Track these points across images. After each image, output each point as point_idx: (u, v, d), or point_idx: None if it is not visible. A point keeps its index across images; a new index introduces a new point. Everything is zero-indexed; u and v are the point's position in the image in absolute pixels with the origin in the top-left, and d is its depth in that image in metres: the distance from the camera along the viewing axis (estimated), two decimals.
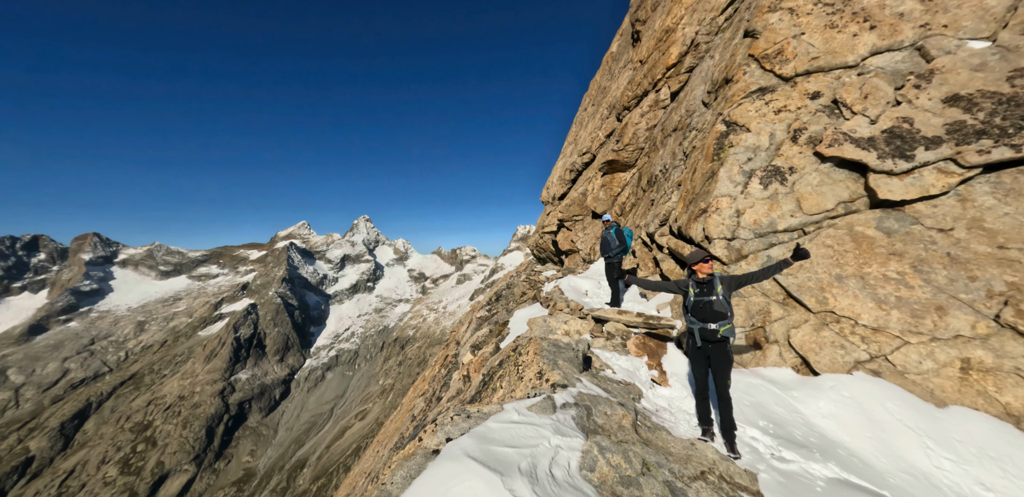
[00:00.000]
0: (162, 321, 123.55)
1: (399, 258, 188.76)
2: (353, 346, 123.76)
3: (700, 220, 5.20)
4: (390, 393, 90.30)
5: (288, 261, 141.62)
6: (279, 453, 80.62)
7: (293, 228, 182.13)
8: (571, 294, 9.14)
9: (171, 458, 72.06)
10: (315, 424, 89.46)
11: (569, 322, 6.91)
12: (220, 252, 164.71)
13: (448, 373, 10.45)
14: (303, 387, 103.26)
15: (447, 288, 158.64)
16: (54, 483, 66.45)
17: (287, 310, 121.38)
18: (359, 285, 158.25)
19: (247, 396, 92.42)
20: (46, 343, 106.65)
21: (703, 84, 7.09)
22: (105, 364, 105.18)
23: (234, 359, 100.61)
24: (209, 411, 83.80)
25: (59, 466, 71.00)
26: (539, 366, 4.68)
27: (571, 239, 14.74)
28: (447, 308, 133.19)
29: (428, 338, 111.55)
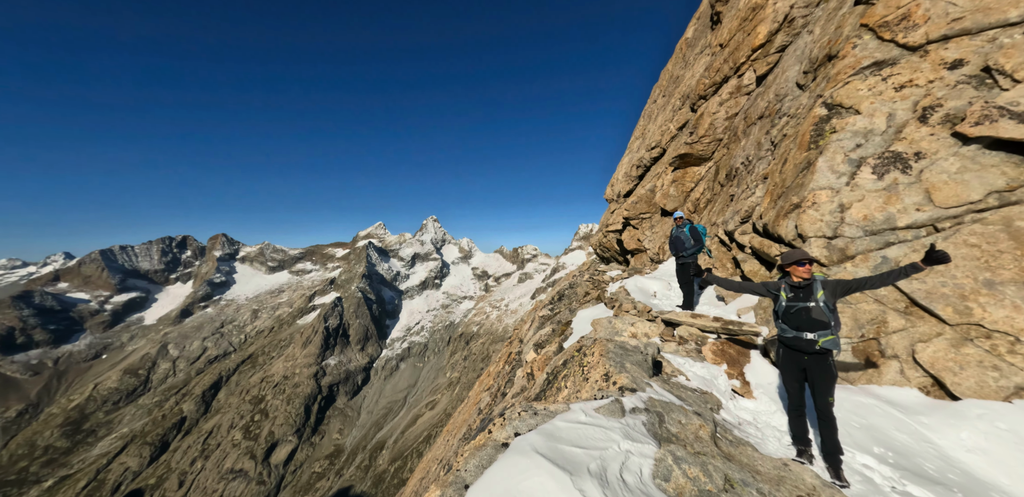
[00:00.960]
0: (270, 310, 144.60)
1: (463, 256, 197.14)
2: (423, 339, 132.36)
3: (791, 216, 4.64)
4: (456, 386, 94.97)
5: (367, 259, 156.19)
6: (362, 434, 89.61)
7: (371, 228, 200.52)
8: (638, 295, 8.76)
9: (279, 429, 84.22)
10: (391, 410, 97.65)
11: (636, 324, 6.65)
12: (313, 250, 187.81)
13: (512, 370, 10.69)
14: (380, 375, 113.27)
15: (509, 286, 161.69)
16: (199, 441, 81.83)
17: (366, 303, 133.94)
18: (427, 282, 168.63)
19: (335, 380, 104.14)
20: (192, 325, 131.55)
21: (797, 64, 6.29)
22: (231, 344, 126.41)
23: (324, 346, 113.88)
24: (306, 391, 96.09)
25: (202, 427, 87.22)
26: (605, 368, 4.59)
27: (637, 238, 14.08)
28: (509, 306, 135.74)
29: (491, 335, 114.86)
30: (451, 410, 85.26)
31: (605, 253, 18.49)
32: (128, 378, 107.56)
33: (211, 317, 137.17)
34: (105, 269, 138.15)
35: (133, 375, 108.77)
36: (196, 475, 75.26)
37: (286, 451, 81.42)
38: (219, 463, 77.19)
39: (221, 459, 77.77)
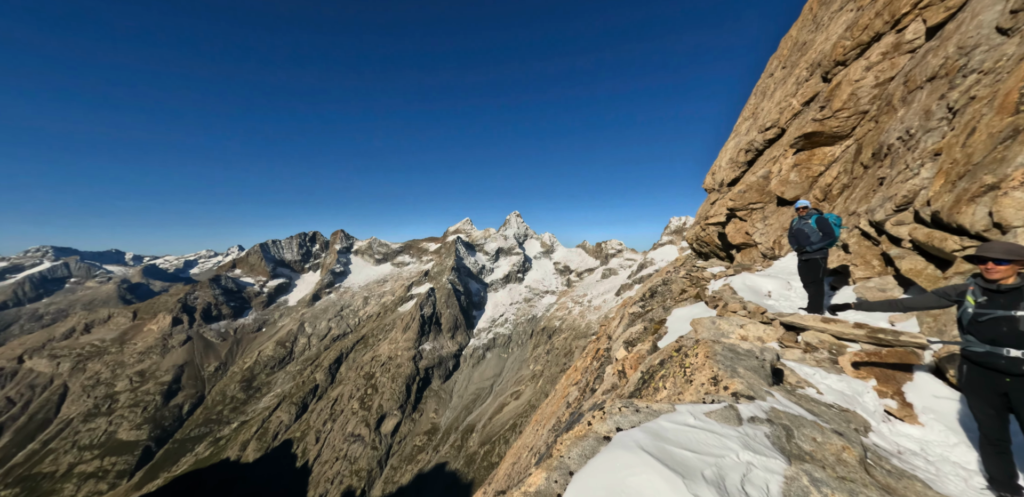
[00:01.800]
0: (377, 297, 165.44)
1: (545, 251, 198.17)
2: (507, 331, 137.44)
3: (982, 200, 3.63)
4: (539, 379, 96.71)
5: (456, 253, 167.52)
6: (454, 415, 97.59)
7: (459, 224, 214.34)
8: (747, 294, 7.84)
9: (386, 403, 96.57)
10: (479, 396, 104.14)
11: (747, 326, 5.99)
12: (410, 244, 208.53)
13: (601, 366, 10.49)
14: (469, 362, 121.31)
15: (592, 282, 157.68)
16: (328, 406, 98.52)
17: (456, 295, 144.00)
18: (510, 276, 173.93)
19: (430, 364, 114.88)
20: (320, 307, 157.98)
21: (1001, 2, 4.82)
22: (348, 326, 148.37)
23: (421, 332, 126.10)
24: (407, 371, 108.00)
25: (330, 394, 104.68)
26: (713, 371, 4.25)
27: (745, 231, 12.46)
28: (592, 302, 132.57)
29: (573, 330, 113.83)
30: (535, 402, 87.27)
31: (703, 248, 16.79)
32: (279, 348, 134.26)
33: (333, 302, 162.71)
34: (263, 259, 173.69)
35: (283, 346, 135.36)
36: (327, 434, 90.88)
37: (392, 423, 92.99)
38: (343, 426, 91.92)
39: (344, 424, 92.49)
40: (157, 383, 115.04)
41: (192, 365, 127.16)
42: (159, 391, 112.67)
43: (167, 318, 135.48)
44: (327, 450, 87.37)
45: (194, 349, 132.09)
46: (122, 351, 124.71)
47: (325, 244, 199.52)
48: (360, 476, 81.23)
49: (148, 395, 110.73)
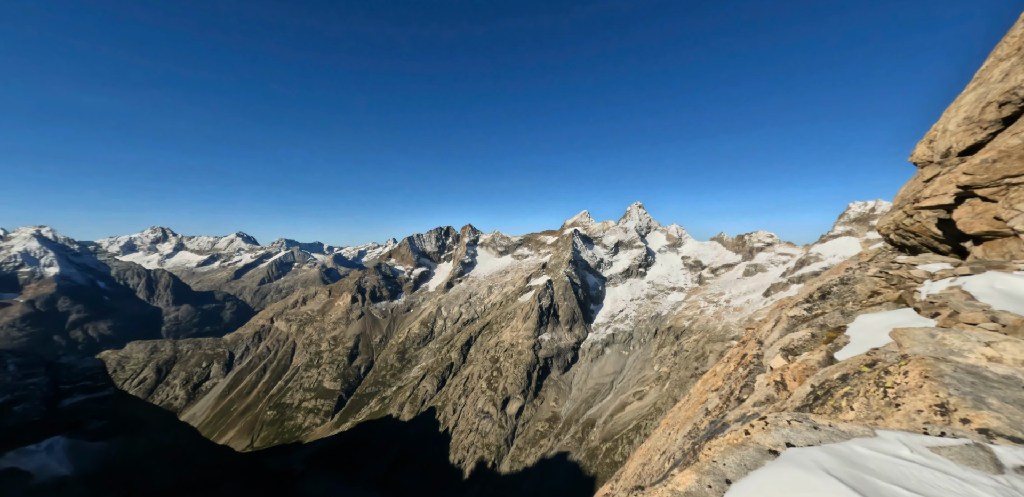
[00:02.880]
0: (499, 287, 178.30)
1: (672, 244, 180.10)
2: (627, 328, 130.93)
3: None
4: (666, 381, 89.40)
5: (573, 245, 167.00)
6: (574, 407, 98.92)
7: (576, 217, 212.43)
8: (999, 301, 5.71)
9: (510, 387, 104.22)
10: (599, 391, 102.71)
11: (999, 345, 4.38)
12: (529, 237, 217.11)
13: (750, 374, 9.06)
14: (587, 356, 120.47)
15: (730, 279, 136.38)
16: (461, 382, 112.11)
17: (573, 288, 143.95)
18: (631, 270, 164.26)
19: (550, 354, 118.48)
20: (453, 294, 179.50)
21: None
22: (476, 312, 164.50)
23: (540, 323, 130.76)
24: (527, 359, 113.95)
25: (463, 372, 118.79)
26: (939, 396, 3.26)
27: (994, 215, 8.84)
28: (730, 302, 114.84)
29: (707, 332, 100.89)
30: (660, 404, 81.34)
31: (907, 239, 12.63)
32: (423, 328, 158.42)
33: (463, 290, 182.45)
34: (410, 250, 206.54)
35: (425, 326, 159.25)
36: (462, 408, 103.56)
37: (516, 406, 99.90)
38: (474, 403, 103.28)
39: (475, 400, 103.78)
40: (344, 347, 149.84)
41: (365, 335, 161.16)
42: (345, 354, 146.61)
43: (348, 297, 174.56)
44: (462, 421, 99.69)
45: (366, 323, 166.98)
46: (323, 320, 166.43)
47: (456, 237, 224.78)
48: (490, 450, 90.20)
49: (339, 356, 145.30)
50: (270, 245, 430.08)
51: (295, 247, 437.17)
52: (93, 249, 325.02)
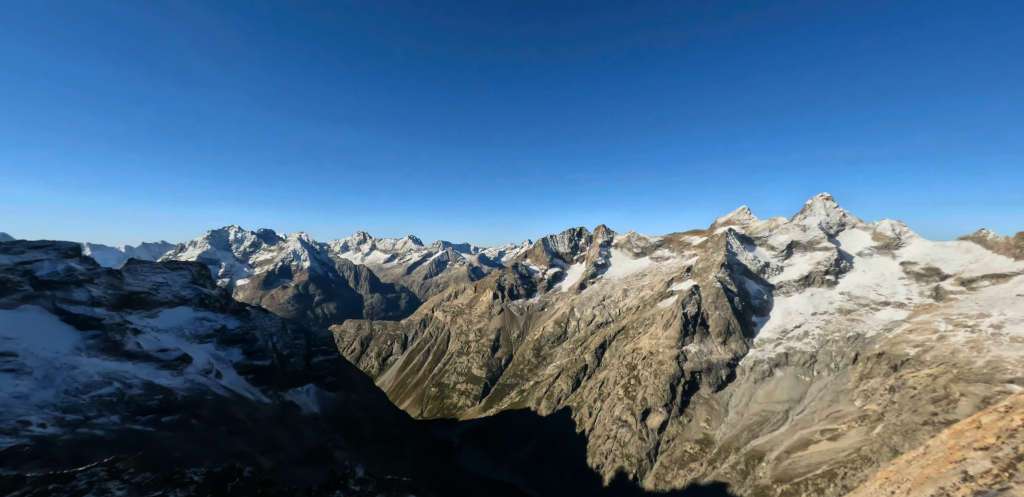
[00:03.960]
0: (635, 291, 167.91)
1: (883, 246, 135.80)
2: (808, 348, 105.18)
3: None
4: (875, 423, 67.91)
5: (727, 247, 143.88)
6: (733, 433, 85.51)
7: (732, 214, 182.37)
8: None
9: (650, 398, 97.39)
10: (767, 420, 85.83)
11: None
12: (670, 238, 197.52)
13: None
14: (748, 376, 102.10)
15: (1000, 296, 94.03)
16: (596, 386, 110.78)
17: (726, 295, 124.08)
18: (812, 277, 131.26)
19: (697, 368, 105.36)
20: (586, 295, 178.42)
21: None
22: (610, 315, 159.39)
23: (683, 332, 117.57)
24: (669, 370, 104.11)
25: (597, 376, 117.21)
26: None
27: None
28: (1002, 329, 78.84)
29: (953, 367, 71.78)
30: (869, 452, 62.53)
31: None
32: (556, 327, 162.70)
33: (596, 291, 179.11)
34: (544, 251, 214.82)
35: (559, 326, 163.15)
36: (598, 412, 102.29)
37: (658, 420, 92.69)
38: (611, 409, 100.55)
39: (612, 406, 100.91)
40: (487, 339, 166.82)
41: (504, 330, 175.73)
42: (489, 345, 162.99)
43: (489, 293, 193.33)
44: (599, 426, 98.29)
45: (505, 318, 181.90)
46: (470, 313, 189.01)
47: (589, 238, 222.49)
48: (631, 461, 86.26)
49: (484, 347, 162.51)
50: (431, 246, 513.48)
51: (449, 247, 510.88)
52: (325, 249, 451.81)
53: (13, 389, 49.92)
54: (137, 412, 59.48)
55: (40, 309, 68.52)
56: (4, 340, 54.93)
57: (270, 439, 72.57)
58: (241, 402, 79.93)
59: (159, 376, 69.93)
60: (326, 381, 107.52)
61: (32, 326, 63.10)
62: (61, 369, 55.81)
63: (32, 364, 53.94)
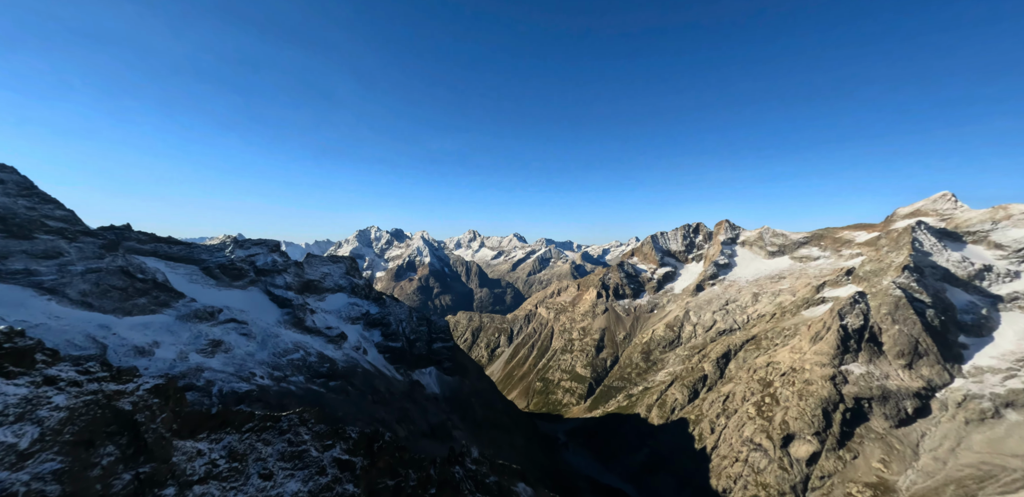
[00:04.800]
0: (770, 295, 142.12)
1: None
2: None
3: None
4: None
5: (913, 244, 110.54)
6: (929, 485, 65.18)
7: (924, 202, 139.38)
8: None
9: (793, 422, 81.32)
10: (992, 477, 62.54)
11: None
12: (821, 234, 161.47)
13: None
14: (955, 415, 76.26)
15: None
16: (719, 399, 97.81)
17: (912, 306, 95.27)
18: None
19: (864, 394, 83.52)
20: (704, 298, 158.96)
21: None
22: (735, 322, 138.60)
23: (841, 348, 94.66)
24: (821, 393, 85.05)
25: (720, 388, 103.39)
26: None
27: None
28: None
29: None
30: None
31: None
32: (668, 331, 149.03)
33: (717, 294, 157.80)
34: (653, 249, 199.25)
35: (671, 330, 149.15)
36: (722, 429, 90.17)
37: (806, 449, 76.78)
38: (738, 428, 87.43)
39: (739, 426, 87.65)
40: (591, 338, 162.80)
41: (609, 330, 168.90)
42: (593, 345, 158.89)
43: (593, 292, 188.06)
44: (724, 446, 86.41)
45: (610, 318, 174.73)
46: (573, 311, 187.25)
47: (708, 235, 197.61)
48: (768, 492, 73.54)
49: (587, 346, 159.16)
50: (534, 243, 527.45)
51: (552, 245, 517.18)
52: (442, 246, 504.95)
53: (246, 348, 68.41)
54: (314, 375, 75.53)
55: (258, 290, 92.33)
56: (240, 312, 75.76)
57: (403, 411, 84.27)
58: (381, 376, 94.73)
59: (326, 348, 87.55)
60: (444, 366, 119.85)
61: (254, 302, 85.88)
62: (270, 337, 74.43)
63: (255, 331, 73.17)
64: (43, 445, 16.76)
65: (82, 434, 18.39)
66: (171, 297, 68.03)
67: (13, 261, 54.40)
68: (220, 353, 63.43)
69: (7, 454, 15.32)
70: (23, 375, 18.85)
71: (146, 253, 79.42)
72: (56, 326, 48.67)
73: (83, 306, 56.45)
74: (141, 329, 58.02)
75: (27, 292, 52.57)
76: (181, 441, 23.53)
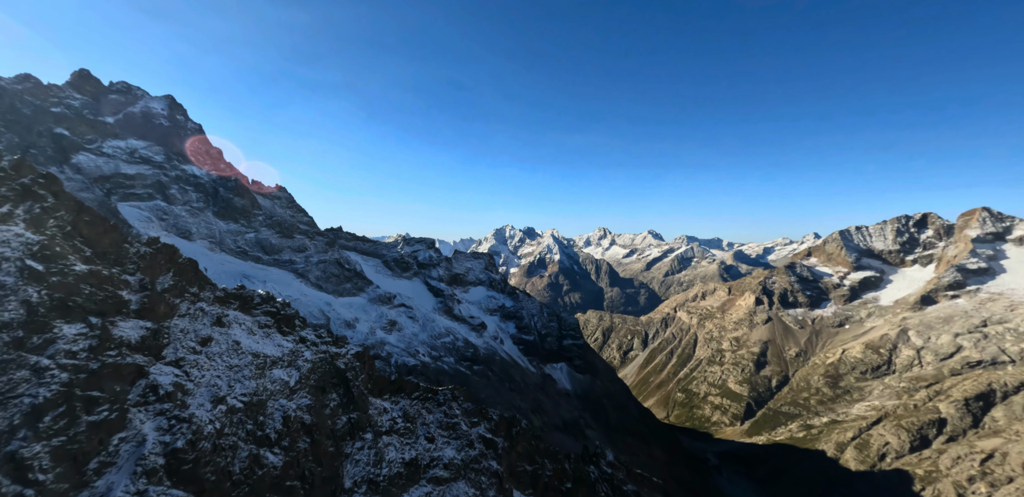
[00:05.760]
0: None
1: None
2: None
3: None
4: None
5: None
6: None
7: None
8: None
9: None
10: None
11: None
12: None
13: None
14: None
15: None
16: (972, 457, 68.40)
17: None
18: None
19: None
20: (936, 315, 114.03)
21: None
22: (1003, 352, 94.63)
23: None
24: None
25: (974, 442, 72.26)
26: None
27: None
28: None
29: None
30: None
31: None
32: (870, 353, 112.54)
33: (964, 310, 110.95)
34: (843, 248, 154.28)
35: (875, 352, 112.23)
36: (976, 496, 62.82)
37: None
38: None
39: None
40: (748, 351, 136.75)
41: (774, 344, 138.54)
42: (751, 359, 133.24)
43: (751, 297, 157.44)
44: None
45: (774, 330, 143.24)
46: (723, 318, 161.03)
47: (947, 229, 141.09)
48: None
49: (743, 360, 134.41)
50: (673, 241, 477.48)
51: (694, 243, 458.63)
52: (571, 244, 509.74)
53: (411, 329, 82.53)
54: (461, 358, 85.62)
55: (419, 281, 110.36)
56: (408, 298, 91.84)
57: (536, 402, 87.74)
58: (516, 366, 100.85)
59: (470, 335, 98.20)
60: (575, 363, 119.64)
61: (417, 291, 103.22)
62: (429, 321, 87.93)
63: (418, 315, 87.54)
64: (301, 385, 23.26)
65: (320, 382, 24.88)
66: (365, 283, 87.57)
67: (284, 253, 79.07)
68: (395, 331, 78.41)
69: (284, 387, 21.79)
70: (290, 334, 26.68)
71: (349, 248, 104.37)
72: (303, 301, 68.32)
73: (316, 287, 77.87)
74: (347, 307, 76.49)
75: (290, 276, 75.68)
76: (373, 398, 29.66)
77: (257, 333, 24.46)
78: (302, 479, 18.55)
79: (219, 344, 20.69)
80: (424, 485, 25.74)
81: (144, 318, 17.81)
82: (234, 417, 17.30)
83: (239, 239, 73.85)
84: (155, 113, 75.86)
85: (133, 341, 16.41)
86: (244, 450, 16.48)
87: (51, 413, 12.30)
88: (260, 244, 76.58)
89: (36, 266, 14.78)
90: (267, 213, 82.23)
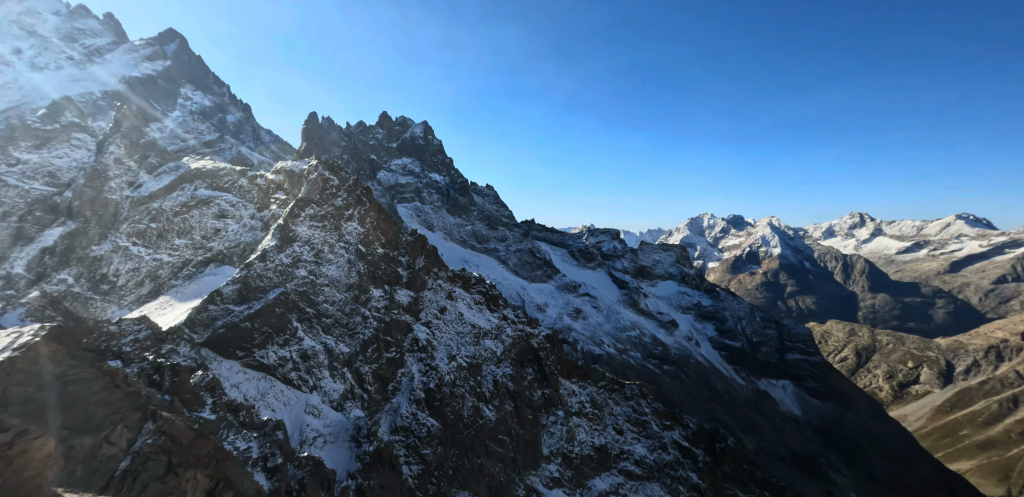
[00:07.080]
0: None
1: None
2: None
3: None
4: None
5: None
6: None
7: None
8: None
9: None
10: None
11: None
12: None
13: None
14: None
15: None
16: None
17: None
18: None
19: None
20: None
21: None
22: None
23: None
24: None
25: None
26: None
27: None
28: None
29: None
30: None
31: None
32: None
33: None
34: None
35: None
36: None
37: None
38: None
39: None
40: None
41: None
42: None
43: None
44: None
45: None
46: None
47: None
48: None
49: None
50: (1016, 231, 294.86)
51: None
52: (802, 234, 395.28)
53: (596, 318, 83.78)
54: (648, 355, 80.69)
55: (603, 271, 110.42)
56: (592, 288, 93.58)
57: (747, 420, 73.24)
58: (718, 374, 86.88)
59: (658, 332, 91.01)
60: (806, 384, 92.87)
61: (601, 282, 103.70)
62: (612, 312, 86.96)
63: (602, 306, 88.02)
64: (505, 355, 27.26)
65: (518, 356, 28.45)
66: (553, 272, 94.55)
67: (490, 242, 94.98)
68: (580, 319, 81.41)
69: (492, 355, 26.06)
70: (496, 311, 31.58)
71: (539, 239, 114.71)
72: (504, 284, 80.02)
73: (514, 273, 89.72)
74: (538, 292, 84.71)
75: (494, 262, 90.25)
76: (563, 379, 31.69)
77: (473, 308, 30.08)
78: (510, 436, 21.75)
79: (450, 313, 26.56)
80: (615, 475, 25.74)
81: (409, 289, 24.71)
82: (461, 373, 21.81)
83: (461, 231, 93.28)
84: (416, 136, 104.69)
85: (405, 304, 23.02)
86: (469, 400, 20.59)
87: (370, 347, 18.76)
88: (475, 234, 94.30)
89: (362, 248, 22.70)
90: (479, 208, 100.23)
